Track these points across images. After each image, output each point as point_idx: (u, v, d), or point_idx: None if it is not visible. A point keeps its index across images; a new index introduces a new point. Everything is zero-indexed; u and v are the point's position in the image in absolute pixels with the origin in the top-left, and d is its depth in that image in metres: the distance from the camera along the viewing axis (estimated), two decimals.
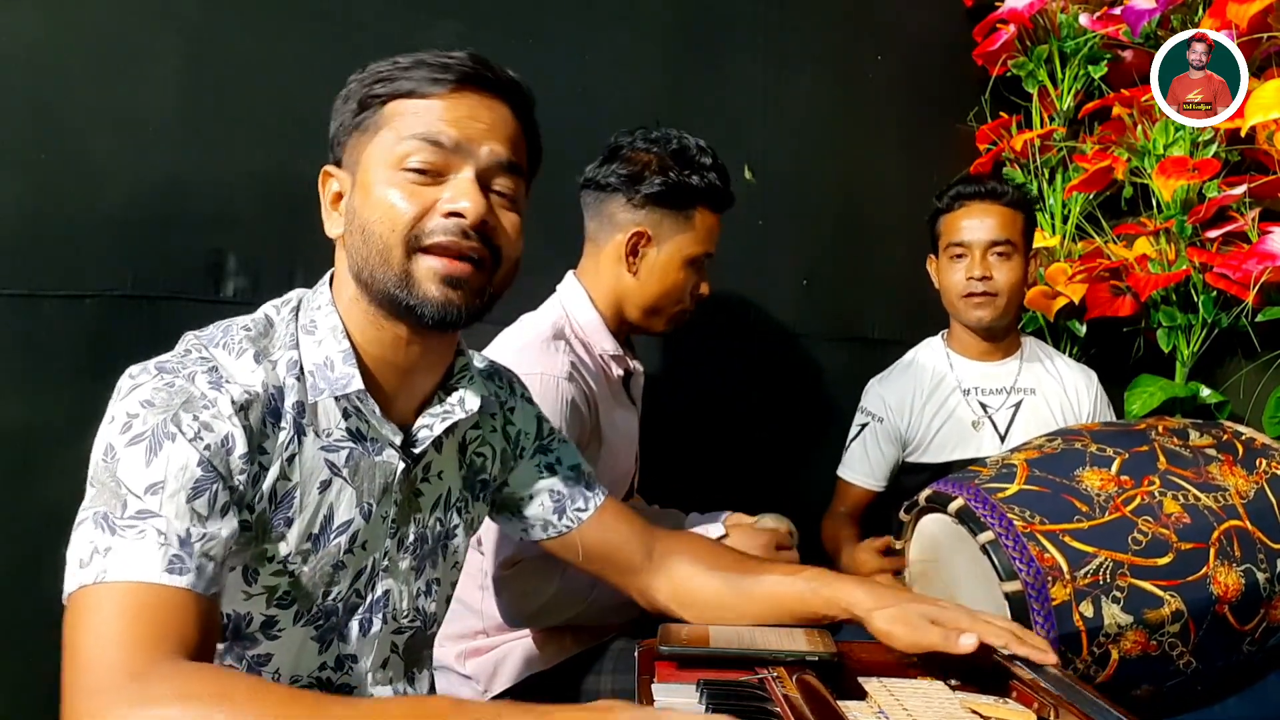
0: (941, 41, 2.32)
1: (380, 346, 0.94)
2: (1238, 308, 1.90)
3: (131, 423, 0.81)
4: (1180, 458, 1.37)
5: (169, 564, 0.76)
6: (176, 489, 0.79)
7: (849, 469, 1.92)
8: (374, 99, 0.92)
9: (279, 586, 0.91)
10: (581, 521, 1.12)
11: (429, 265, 0.88)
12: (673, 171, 1.47)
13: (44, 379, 1.46)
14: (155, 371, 0.85)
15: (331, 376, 0.91)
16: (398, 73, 0.91)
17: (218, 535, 0.80)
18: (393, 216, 0.88)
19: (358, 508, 0.94)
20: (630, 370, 1.55)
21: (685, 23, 2.02)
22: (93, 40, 1.49)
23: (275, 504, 0.89)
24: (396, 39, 1.71)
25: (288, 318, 0.94)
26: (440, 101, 0.90)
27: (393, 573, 1.00)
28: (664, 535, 1.17)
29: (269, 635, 0.92)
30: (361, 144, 0.92)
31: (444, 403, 0.99)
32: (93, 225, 1.48)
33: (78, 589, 0.76)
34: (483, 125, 0.91)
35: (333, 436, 0.92)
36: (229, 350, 0.88)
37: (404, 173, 0.89)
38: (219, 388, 0.84)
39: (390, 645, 1.02)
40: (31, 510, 1.45)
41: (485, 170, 0.91)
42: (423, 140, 0.89)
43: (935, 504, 1.35)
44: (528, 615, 1.35)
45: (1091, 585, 1.20)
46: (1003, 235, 1.77)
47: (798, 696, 0.86)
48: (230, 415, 0.83)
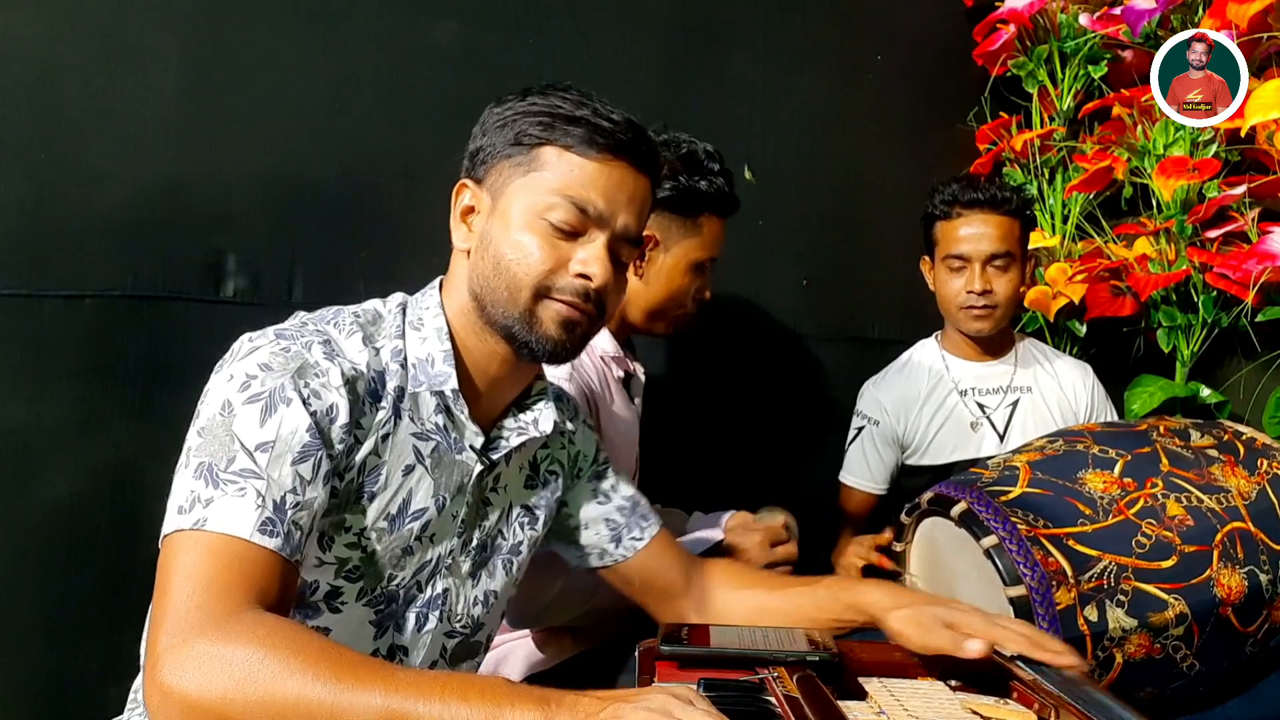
0: (941, 41, 2.31)
1: (479, 355, 1.00)
2: (1238, 308, 1.90)
3: (250, 383, 0.87)
4: (1182, 459, 1.36)
5: (262, 525, 0.81)
6: (284, 451, 0.84)
7: (850, 474, 1.92)
8: (531, 138, 0.97)
9: (350, 559, 0.95)
10: (637, 551, 1.17)
11: (555, 309, 0.96)
12: (682, 176, 1.47)
13: (44, 379, 1.46)
14: (274, 337, 0.91)
15: (431, 372, 0.97)
16: (560, 121, 0.96)
17: (311, 503, 0.86)
18: (529, 263, 0.95)
19: (433, 498, 0.99)
20: (630, 371, 1.55)
21: (685, 23, 2.01)
22: (93, 40, 1.49)
23: (363, 476, 0.94)
24: (397, 39, 1.71)
25: (395, 312, 1.00)
26: (594, 165, 0.96)
27: (454, 572, 1.03)
28: (700, 562, 1.22)
29: (331, 607, 0.96)
30: (509, 175, 0.97)
31: (519, 418, 1.05)
32: (93, 225, 1.48)
33: (174, 531, 0.81)
34: (624, 197, 0.98)
35: (425, 426, 0.97)
36: (339, 329, 0.94)
37: (546, 222, 0.95)
38: (331, 359, 0.90)
39: (440, 647, 1.04)
40: (31, 510, 1.45)
41: (615, 239, 0.98)
42: (571, 203, 0.95)
43: (937, 507, 1.35)
44: (531, 615, 1.35)
45: (1096, 589, 1.20)
46: (1002, 247, 1.75)
47: (798, 696, 0.86)
48: (339, 386, 0.89)
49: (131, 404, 1.51)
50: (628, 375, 1.55)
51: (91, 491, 1.49)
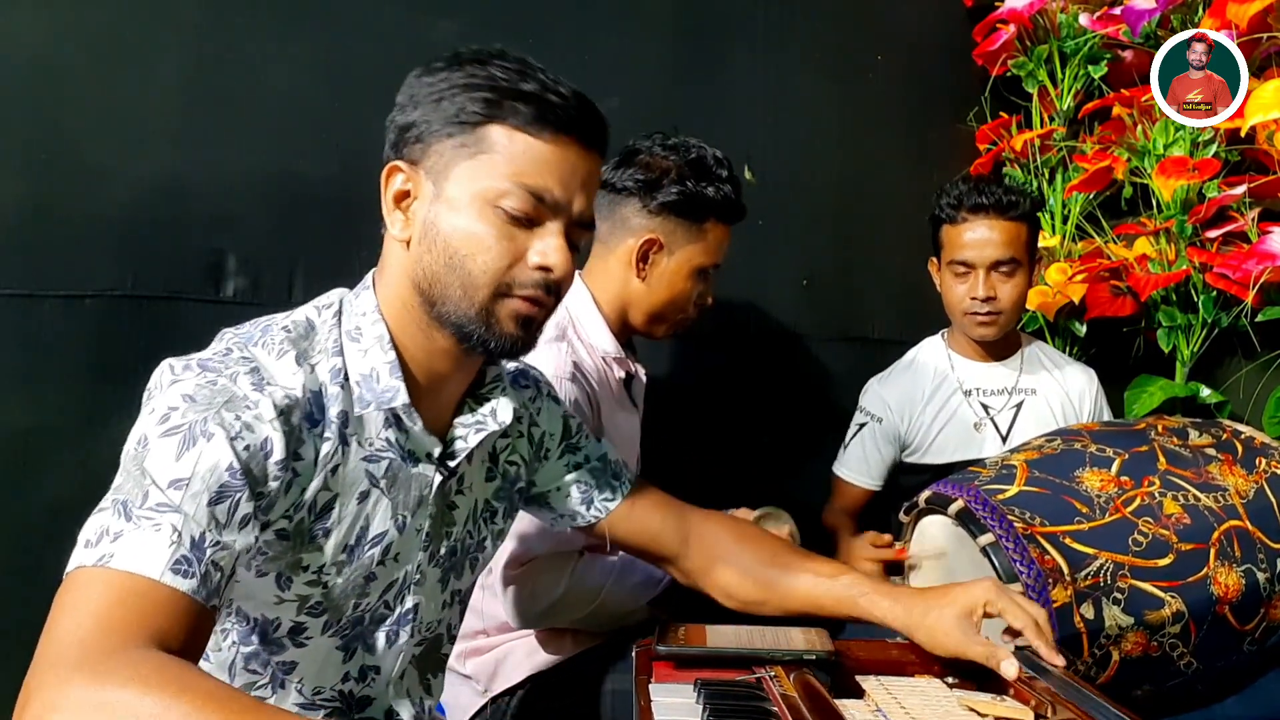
0: (941, 41, 2.32)
1: (424, 355, 0.93)
2: (1238, 308, 1.90)
3: (170, 415, 0.79)
4: (1180, 458, 1.36)
5: (175, 564, 0.73)
6: (200, 489, 0.76)
7: (846, 467, 1.92)
8: (474, 116, 0.88)
9: (311, 596, 0.91)
10: (609, 512, 1.14)
11: (513, 306, 0.90)
12: (690, 181, 1.46)
13: (44, 379, 1.46)
14: (198, 369, 0.84)
15: (378, 388, 0.90)
16: (505, 96, 0.88)
17: (231, 546, 0.77)
18: (486, 259, 0.88)
19: (393, 519, 0.94)
20: (631, 372, 1.55)
21: (685, 23, 2.02)
22: (93, 40, 1.49)
23: (316, 515, 0.88)
24: (397, 39, 1.71)
25: (330, 322, 0.92)
26: (547, 147, 0.89)
27: (423, 586, 1.00)
28: (699, 522, 1.18)
29: (296, 642, 0.93)
30: (453, 158, 0.89)
31: (475, 412, 0.99)
32: (93, 225, 1.49)
33: (76, 569, 0.73)
34: (578, 179, 0.91)
35: (375, 446, 0.91)
36: (268, 350, 0.87)
37: (499, 210, 0.88)
38: (261, 389, 0.83)
39: (410, 657, 1.02)
40: (31, 510, 1.45)
41: (571, 224, 0.92)
42: (526, 190, 0.88)
43: (935, 505, 1.35)
44: (534, 615, 1.35)
45: (1092, 587, 1.20)
46: (1007, 254, 1.73)
47: (795, 696, 0.86)
48: (271, 419, 0.82)
49: (131, 404, 1.48)
50: (629, 376, 1.55)
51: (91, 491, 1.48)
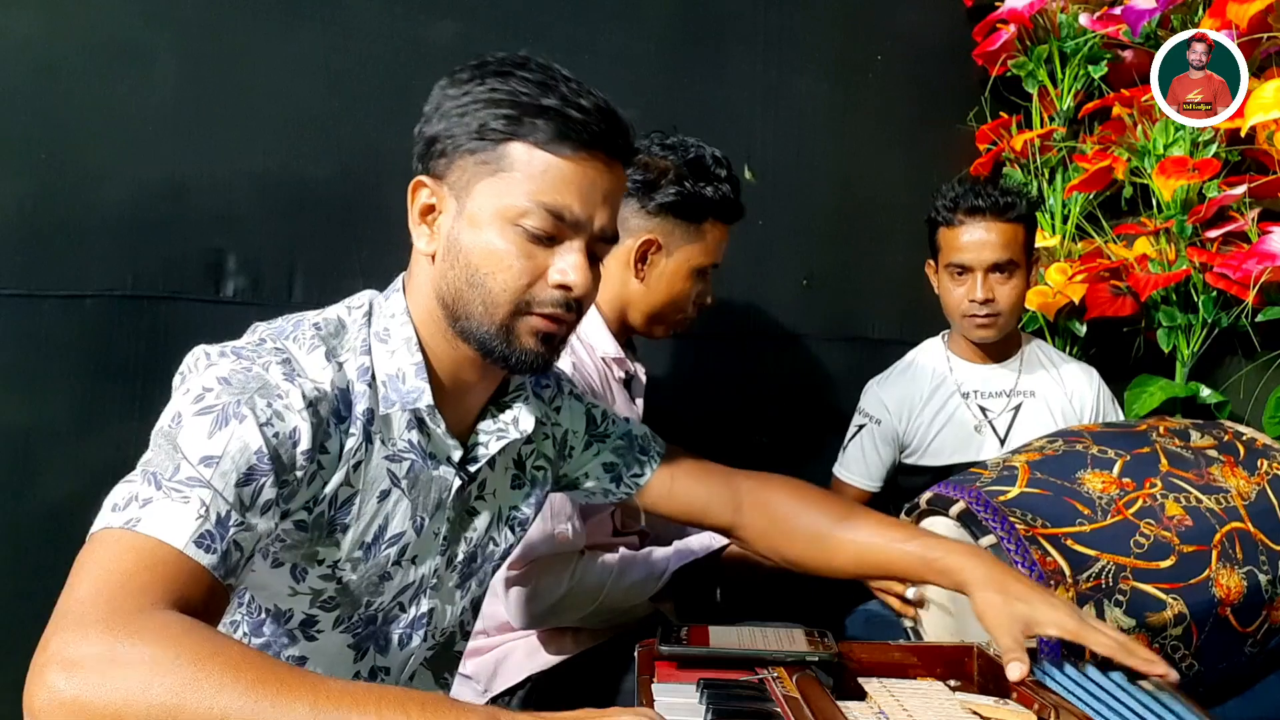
0: (941, 41, 2.32)
1: (450, 362, 0.95)
2: (1238, 308, 1.90)
3: (205, 395, 0.81)
4: (1182, 459, 1.36)
5: (200, 537, 0.73)
6: (230, 469, 0.77)
7: (845, 469, 1.92)
8: (496, 133, 0.88)
9: (325, 590, 0.92)
10: (639, 488, 1.15)
11: (533, 323, 0.91)
12: (688, 181, 1.46)
13: (44, 379, 1.46)
14: (233, 355, 0.85)
15: (403, 389, 0.91)
16: (526, 113, 0.87)
17: (254, 528, 0.78)
18: (506, 278, 0.89)
19: (411, 520, 0.95)
20: (631, 372, 1.55)
21: (685, 22, 2.01)
22: (93, 40, 1.49)
23: (336, 509, 0.89)
24: (396, 39, 1.71)
25: (360, 321, 0.94)
26: (567, 165, 0.88)
27: (440, 591, 1.00)
28: (752, 488, 1.18)
29: (308, 635, 0.93)
30: (475, 174, 0.89)
31: (497, 419, 1.00)
32: (93, 225, 1.48)
33: (103, 529, 0.73)
34: (599, 195, 0.91)
35: (398, 446, 0.93)
36: (299, 344, 0.88)
37: (520, 229, 0.88)
38: (292, 380, 0.84)
39: (422, 659, 1.02)
40: (31, 510, 1.45)
41: (592, 241, 0.92)
42: (546, 210, 0.88)
43: (936, 507, 1.35)
44: (536, 615, 1.35)
45: (1094, 589, 1.20)
46: (1005, 256, 1.72)
47: (798, 697, 0.86)
48: (301, 409, 0.83)
49: (131, 404, 1.51)
50: (629, 376, 1.55)
51: (91, 491, 1.47)
